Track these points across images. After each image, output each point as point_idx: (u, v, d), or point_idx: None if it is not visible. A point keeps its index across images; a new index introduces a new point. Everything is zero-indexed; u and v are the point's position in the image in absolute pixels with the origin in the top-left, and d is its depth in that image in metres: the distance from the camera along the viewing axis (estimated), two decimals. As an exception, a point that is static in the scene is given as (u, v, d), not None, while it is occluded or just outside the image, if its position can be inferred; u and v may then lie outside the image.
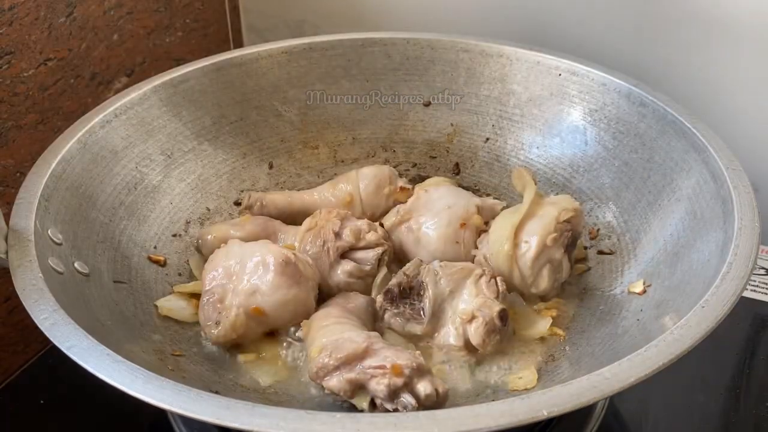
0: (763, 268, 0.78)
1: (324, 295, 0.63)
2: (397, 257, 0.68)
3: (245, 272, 0.60)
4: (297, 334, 0.60)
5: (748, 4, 0.76)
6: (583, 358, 0.57)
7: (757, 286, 0.76)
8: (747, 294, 0.73)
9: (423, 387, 0.51)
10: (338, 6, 0.96)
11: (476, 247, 0.65)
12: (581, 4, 0.85)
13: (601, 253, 0.68)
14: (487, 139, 0.80)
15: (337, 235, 0.64)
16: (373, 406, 0.52)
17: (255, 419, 0.41)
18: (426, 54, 0.81)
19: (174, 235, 0.70)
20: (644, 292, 0.60)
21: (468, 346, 0.58)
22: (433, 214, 0.66)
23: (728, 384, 0.67)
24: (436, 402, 0.51)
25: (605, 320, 0.60)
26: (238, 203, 0.76)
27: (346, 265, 0.64)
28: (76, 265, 0.58)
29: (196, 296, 0.63)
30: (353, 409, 0.53)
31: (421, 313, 0.59)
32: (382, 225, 0.68)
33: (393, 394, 0.51)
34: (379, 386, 0.51)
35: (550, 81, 0.77)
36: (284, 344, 0.60)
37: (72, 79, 0.75)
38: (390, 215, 0.70)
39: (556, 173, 0.75)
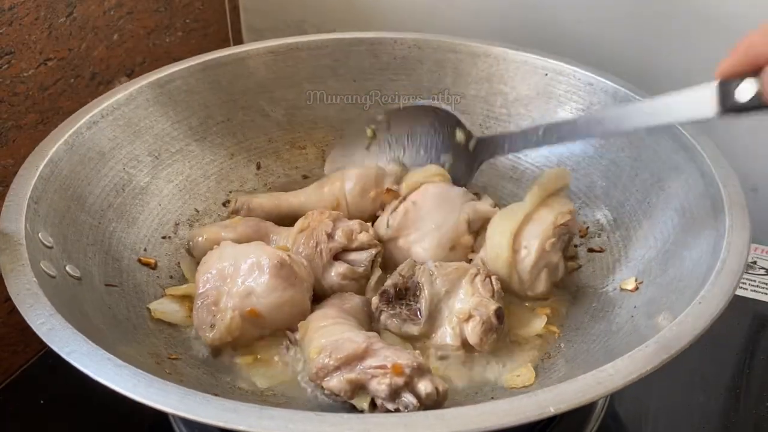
0: (763, 268, 0.79)
1: (317, 296, 0.63)
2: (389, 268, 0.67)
3: (239, 274, 0.59)
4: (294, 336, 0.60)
5: (745, 1, 0.77)
6: (578, 355, 0.58)
7: (757, 286, 0.77)
8: (747, 294, 0.74)
9: (424, 386, 0.51)
10: (338, 6, 0.95)
11: (473, 251, 0.65)
12: (576, 4, 0.85)
13: (591, 251, 0.69)
14: (475, 138, 0.80)
15: (330, 236, 0.64)
16: (374, 407, 0.52)
17: (263, 421, 0.41)
18: (413, 54, 0.81)
19: (164, 237, 0.69)
20: (636, 289, 0.61)
21: (465, 346, 0.58)
22: (422, 234, 0.66)
23: (728, 384, 0.67)
24: (436, 401, 0.52)
25: (599, 317, 0.61)
26: (226, 204, 0.75)
27: (340, 267, 0.64)
28: (67, 268, 0.57)
29: (188, 299, 0.63)
30: (353, 409, 0.53)
31: (418, 313, 0.59)
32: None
33: (394, 393, 0.51)
34: (380, 386, 0.51)
35: (536, 81, 0.77)
36: (281, 346, 0.59)
37: (72, 79, 0.74)
38: (380, 227, 0.69)
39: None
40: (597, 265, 0.67)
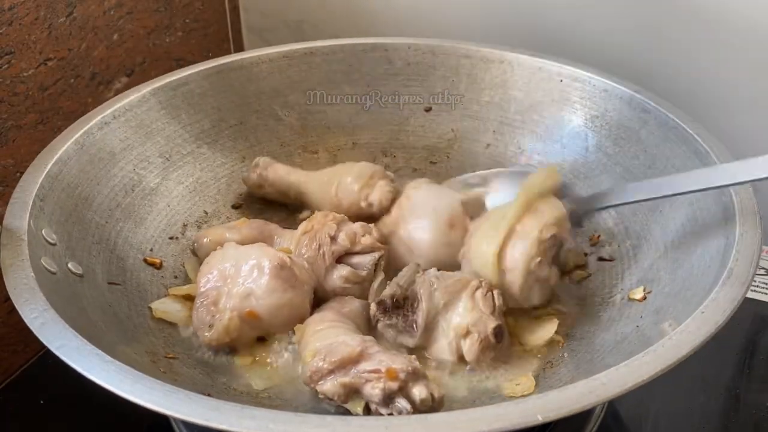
0: (763, 268, 0.77)
1: (319, 299, 0.63)
2: (392, 267, 0.66)
3: (240, 275, 0.59)
4: (292, 339, 0.59)
5: (750, 6, 0.75)
6: (581, 365, 0.56)
7: (757, 286, 0.75)
8: (747, 294, 0.73)
9: (418, 391, 0.50)
10: (338, 7, 0.95)
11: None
12: (586, 9, 0.84)
13: (601, 259, 0.67)
14: (488, 145, 0.79)
15: (333, 238, 0.63)
16: (368, 411, 0.51)
17: (244, 421, 0.40)
18: (427, 59, 0.81)
19: (171, 238, 0.70)
20: (644, 298, 0.59)
21: (461, 361, 0.57)
22: (419, 219, 0.65)
23: (728, 384, 0.66)
24: (431, 407, 0.51)
25: (604, 327, 0.59)
26: (236, 207, 0.75)
27: (342, 270, 0.63)
28: (69, 265, 0.57)
29: (191, 299, 0.63)
30: (348, 414, 0.52)
31: (414, 326, 0.58)
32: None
33: (388, 398, 0.50)
34: (373, 390, 0.50)
35: (551, 87, 0.76)
36: (279, 348, 0.59)
37: (72, 79, 0.75)
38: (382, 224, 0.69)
39: (556, 179, 0.74)
40: (606, 275, 0.65)
